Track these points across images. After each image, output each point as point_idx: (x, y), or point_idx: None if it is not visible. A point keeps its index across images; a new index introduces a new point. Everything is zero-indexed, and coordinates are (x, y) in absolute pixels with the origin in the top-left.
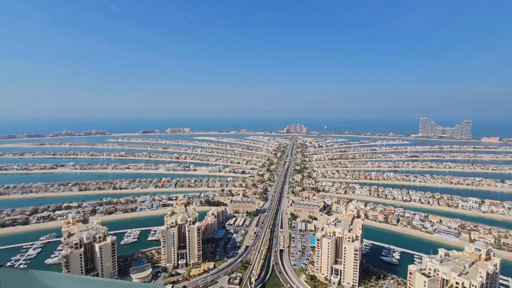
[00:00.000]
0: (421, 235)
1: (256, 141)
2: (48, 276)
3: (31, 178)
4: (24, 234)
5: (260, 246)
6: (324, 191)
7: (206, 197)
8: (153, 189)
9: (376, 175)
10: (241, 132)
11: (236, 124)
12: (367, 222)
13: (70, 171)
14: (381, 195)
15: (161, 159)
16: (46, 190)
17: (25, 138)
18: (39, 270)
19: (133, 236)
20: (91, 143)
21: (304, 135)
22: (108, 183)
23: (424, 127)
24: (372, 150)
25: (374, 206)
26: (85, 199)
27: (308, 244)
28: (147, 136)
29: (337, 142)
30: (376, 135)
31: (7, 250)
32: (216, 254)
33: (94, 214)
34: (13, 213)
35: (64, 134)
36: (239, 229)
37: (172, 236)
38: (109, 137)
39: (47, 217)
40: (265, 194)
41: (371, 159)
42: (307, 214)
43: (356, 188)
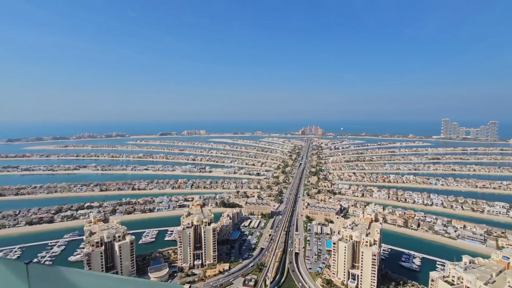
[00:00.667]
0: (443, 240)
1: (271, 143)
2: (73, 273)
3: (56, 178)
4: (49, 232)
5: (275, 248)
6: (340, 193)
7: (221, 198)
8: (170, 190)
9: (395, 177)
10: (256, 134)
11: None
12: (386, 226)
13: (92, 172)
14: (400, 199)
15: (178, 161)
16: (70, 190)
17: (50, 140)
18: (64, 266)
19: (151, 236)
20: (112, 145)
21: (320, 136)
22: (127, 184)
23: (447, 128)
24: (390, 152)
25: (393, 210)
26: (105, 199)
27: (324, 247)
28: (165, 138)
29: (353, 144)
30: (394, 136)
31: (34, 247)
32: (231, 255)
33: (114, 213)
34: (39, 212)
35: (87, 137)
36: (254, 231)
37: (188, 236)
38: (128, 139)
39: (70, 216)
40: (280, 196)
41: (389, 162)
42: (323, 217)
43: (373, 191)
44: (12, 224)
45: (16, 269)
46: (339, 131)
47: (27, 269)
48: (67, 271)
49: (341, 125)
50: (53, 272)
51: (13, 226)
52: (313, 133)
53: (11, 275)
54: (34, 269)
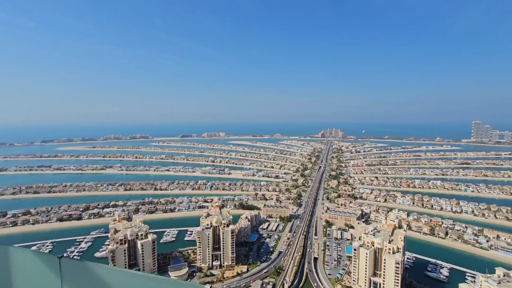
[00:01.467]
0: (474, 251)
1: (290, 145)
2: (102, 268)
3: (84, 177)
4: (77, 228)
5: (294, 252)
6: (361, 198)
7: (240, 200)
8: (190, 191)
9: (421, 183)
10: (275, 137)
11: (270, 129)
12: (410, 234)
13: (117, 172)
14: (426, 205)
15: (198, 162)
16: (97, 189)
17: (80, 141)
18: (94, 262)
19: (172, 235)
20: (136, 147)
21: (340, 139)
22: (150, 184)
23: (478, 131)
24: (415, 156)
25: (418, 217)
26: (129, 198)
27: (344, 253)
28: (185, 140)
29: (376, 147)
30: (420, 140)
31: (64, 242)
32: (249, 257)
33: (137, 212)
34: (69, 209)
35: (113, 138)
36: (272, 234)
37: (207, 237)
38: (151, 141)
39: (97, 214)
40: (299, 200)
41: (414, 166)
42: (343, 222)
43: (397, 197)
44: (44, 220)
45: (50, 262)
46: (360, 134)
47: (59, 263)
48: (97, 266)
49: (363, 128)
50: (83, 266)
51: (45, 222)
52: (333, 135)
53: (46, 268)
54: (66, 263)
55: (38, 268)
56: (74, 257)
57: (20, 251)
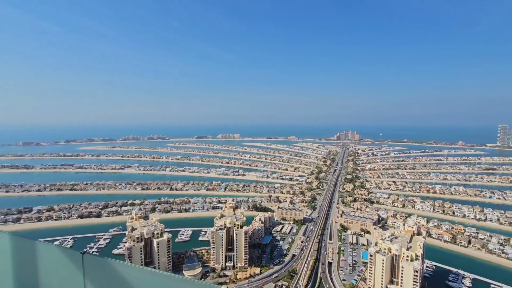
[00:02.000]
0: (499, 261)
1: (305, 147)
2: (122, 265)
3: (104, 176)
4: (97, 225)
5: (307, 256)
6: (378, 203)
7: (253, 202)
8: (204, 191)
9: (442, 188)
10: (290, 139)
11: (284, 131)
12: (430, 241)
13: (135, 171)
14: (447, 212)
15: (213, 163)
16: (115, 188)
17: (100, 141)
18: (115, 259)
19: (186, 235)
20: (153, 147)
21: (357, 142)
22: (166, 184)
23: (504, 136)
24: (436, 160)
25: (439, 224)
26: (146, 197)
27: (359, 259)
28: (201, 141)
29: (394, 151)
30: (441, 143)
31: (84, 238)
32: (262, 260)
33: (153, 211)
34: (89, 207)
35: (131, 139)
36: (285, 236)
37: (221, 238)
38: (168, 142)
39: (115, 212)
40: (313, 203)
41: (435, 171)
42: (358, 227)
43: (416, 202)
44: (66, 216)
45: (73, 258)
46: (377, 136)
47: (82, 258)
48: (118, 263)
49: (380, 130)
50: (105, 263)
51: (67, 218)
52: (349, 138)
53: (69, 262)
54: (89, 259)
55: (62, 263)
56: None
57: (46, 246)
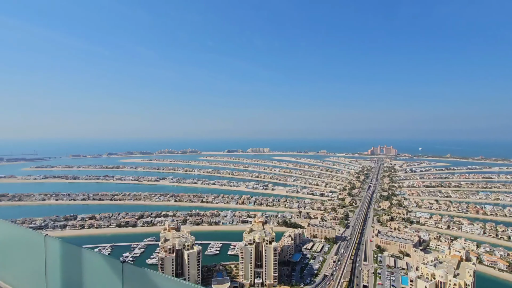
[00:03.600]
0: None
1: (337, 162)
2: (160, 277)
3: (141, 188)
4: (132, 235)
5: (340, 277)
6: (418, 223)
7: (283, 217)
8: (234, 205)
9: (493, 209)
10: (320, 153)
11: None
12: (481, 268)
13: (169, 184)
14: (501, 236)
15: (242, 177)
16: (151, 199)
17: (139, 154)
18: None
19: (215, 248)
20: (186, 160)
21: (393, 157)
22: (197, 197)
23: None
24: (485, 178)
25: (491, 249)
26: (178, 209)
27: (398, 284)
28: (231, 155)
29: (435, 167)
30: (491, 159)
31: (120, 247)
32: (292, 278)
33: (185, 223)
34: (126, 216)
35: (166, 152)
36: (316, 255)
37: (249, 253)
38: (200, 155)
39: (149, 222)
40: (346, 220)
41: (484, 189)
42: (396, 249)
43: (463, 224)
44: (106, 225)
45: (114, 266)
46: (416, 151)
47: (122, 267)
48: (156, 275)
49: (419, 145)
50: (143, 273)
51: (106, 227)
52: (384, 153)
53: (110, 271)
54: (128, 268)
55: (103, 270)
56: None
57: (89, 253)
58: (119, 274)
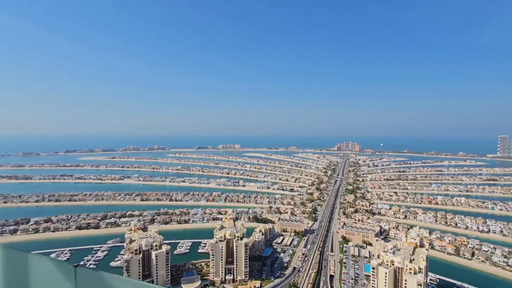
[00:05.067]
0: (504, 274)
1: (306, 158)
2: (117, 279)
3: (103, 187)
4: (95, 237)
5: (309, 269)
6: (380, 214)
7: (254, 213)
8: (204, 202)
9: (443, 199)
10: (290, 149)
11: (285, 141)
12: (433, 253)
13: (134, 182)
14: (450, 223)
15: (213, 174)
16: (114, 198)
17: (100, 152)
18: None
19: (185, 247)
20: (153, 158)
21: (357, 153)
22: (165, 195)
23: (504, 146)
24: (437, 171)
25: (441, 235)
26: (145, 208)
27: (361, 271)
28: (201, 152)
29: (395, 162)
30: (442, 154)
31: (81, 250)
32: (262, 272)
33: (152, 223)
34: (87, 218)
35: (131, 149)
36: (286, 248)
37: (220, 250)
38: (168, 152)
39: (113, 223)
40: (314, 214)
41: (436, 181)
42: (360, 239)
43: (418, 213)
44: (64, 227)
45: (66, 270)
46: (378, 147)
47: (75, 271)
48: (112, 277)
49: (380, 141)
50: (98, 276)
51: (65, 230)
52: (349, 149)
53: (61, 276)
54: (82, 272)
55: (54, 276)
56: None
57: (38, 258)
58: (71, 279)
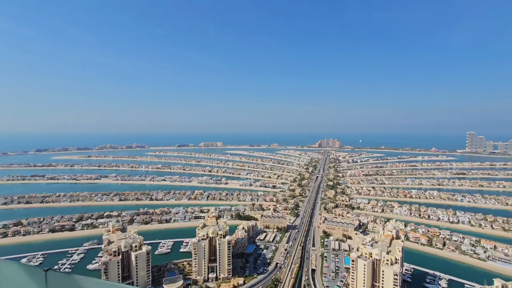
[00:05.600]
0: (472, 262)
1: (287, 155)
2: (90, 282)
3: (78, 187)
4: (70, 239)
5: (291, 264)
6: (359, 208)
7: (236, 211)
8: (186, 201)
9: (417, 193)
10: (272, 146)
11: (267, 139)
12: (408, 245)
13: (112, 182)
14: (423, 215)
15: (195, 172)
16: (91, 199)
17: (75, 151)
18: (83, 275)
19: (167, 246)
20: (132, 156)
21: (337, 149)
22: (145, 194)
23: (472, 142)
24: (412, 166)
25: (416, 227)
26: (124, 208)
27: (342, 264)
28: (182, 150)
29: (372, 157)
30: (416, 150)
31: (56, 254)
32: (246, 269)
33: (132, 223)
34: (62, 220)
35: (108, 148)
36: (269, 245)
37: (203, 248)
38: (147, 151)
39: (90, 224)
40: (296, 210)
41: (411, 176)
42: (340, 233)
43: (394, 207)
44: (36, 231)
45: (36, 275)
46: (357, 144)
47: (46, 276)
48: (85, 280)
49: (359, 138)
50: (71, 280)
51: (37, 233)
52: (330, 146)
53: (31, 281)
54: (53, 276)
55: (23, 282)
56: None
57: (5, 264)
58: (42, 284)
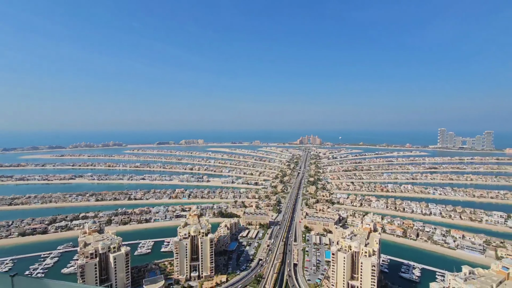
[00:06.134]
0: (442, 251)
1: (269, 152)
2: (60, 286)
3: (51, 188)
4: (42, 243)
5: (274, 259)
6: (339, 203)
7: (219, 208)
8: (167, 200)
9: (393, 187)
10: (254, 144)
11: (249, 136)
12: (385, 237)
13: (88, 181)
14: (398, 208)
15: (175, 170)
16: (65, 200)
17: (46, 149)
18: (54, 279)
19: (147, 247)
20: (108, 155)
21: (318, 146)
22: (123, 194)
23: (443, 138)
24: (388, 161)
25: (392, 220)
26: (101, 209)
27: (323, 258)
28: (162, 148)
29: (351, 153)
30: (392, 146)
31: (26, 259)
32: (228, 267)
33: (109, 224)
34: (33, 222)
35: (83, 146)
36: (252, 241)
37: (185, 247)
38: (125, 149)
39: (64, 226)
40: (279, 206)
41: (387, 171)
42: (321, 227)
43: (372, 201)
44: (4, 235)
45: (1, 282)
46: (337, 140)
47: (12, 282)
48: (56, 284)
49: (339, 135)
50: (40, 285)
51: (5, 238)
52: (311, 142)
53: None
54: (20, 282)
55: None
56: (33, 275)
57: None
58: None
